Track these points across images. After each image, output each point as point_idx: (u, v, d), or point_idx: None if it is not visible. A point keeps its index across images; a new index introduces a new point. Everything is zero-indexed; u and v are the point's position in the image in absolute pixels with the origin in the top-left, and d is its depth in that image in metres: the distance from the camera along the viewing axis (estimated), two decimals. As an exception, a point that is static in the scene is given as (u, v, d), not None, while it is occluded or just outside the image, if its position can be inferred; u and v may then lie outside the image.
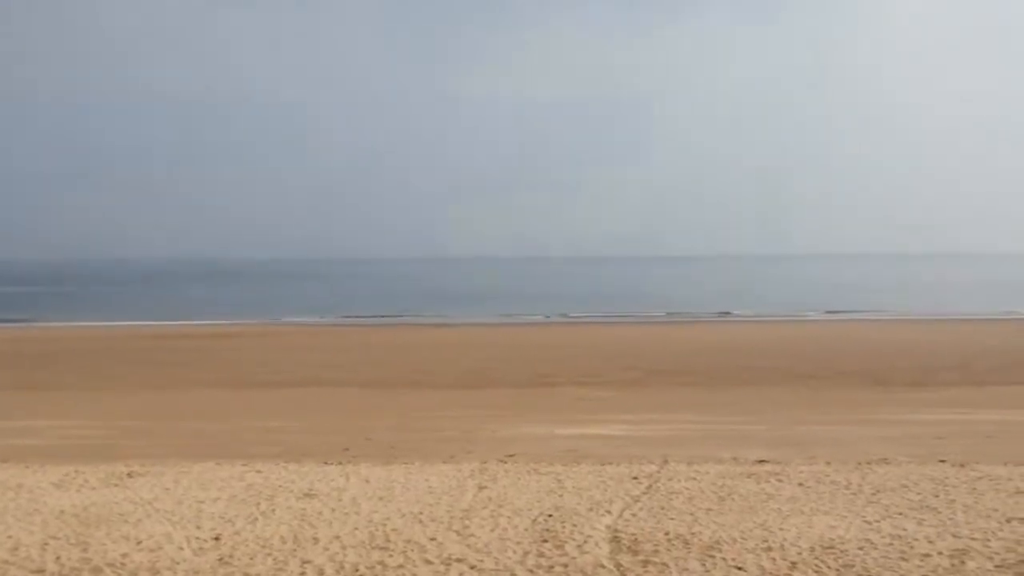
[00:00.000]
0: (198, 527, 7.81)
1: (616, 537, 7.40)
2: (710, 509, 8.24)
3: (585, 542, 7.27)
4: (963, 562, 6.72)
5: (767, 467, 10.20)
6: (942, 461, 10.58)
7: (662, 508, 8.28)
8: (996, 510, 8.11)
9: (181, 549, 7.23)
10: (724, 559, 6.87)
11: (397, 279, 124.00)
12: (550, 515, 8.05)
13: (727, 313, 53.38)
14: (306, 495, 8.90)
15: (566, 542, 7.27)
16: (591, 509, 8.25)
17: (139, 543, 7.37)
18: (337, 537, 7.46)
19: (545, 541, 7.31)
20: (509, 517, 8.00)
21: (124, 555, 7.09)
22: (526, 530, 7.61)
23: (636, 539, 7.34)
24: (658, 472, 9.84)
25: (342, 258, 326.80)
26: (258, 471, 10.10)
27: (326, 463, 10.74)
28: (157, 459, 11.16)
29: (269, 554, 7.07)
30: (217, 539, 7.46)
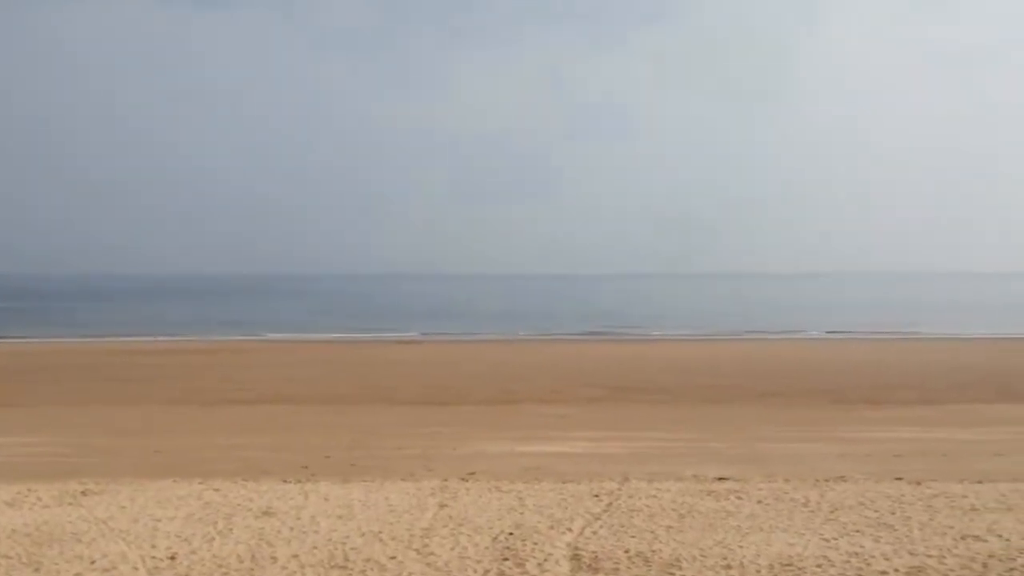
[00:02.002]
0: (153, 546, 7.70)
1: (577, 555, 7.40)
2: (670, 527, 8.27)
3: (546, 560, 7.26)
4: (919, 579, 6.80)
5: (727, 485, 10.26)
6: (899, 479, 10.71)
7: (623, 526, 8.30)
8: (951, 527, 8.22)
9: (136, 569, 7.12)
10: (684, 577, 6.90)
11: (357, 296, 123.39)
12: (511, 533, 8.04)
13: (689, 331, 53.70)
14: (264, 513, 8.81)
15: (527, 560, 7.26)
16: (552, 527, 8.25)
17: (93, 563, 7.25)
18: (295, 556, 7.39)
19: (506, 559, 7.29)
20: (470, 535, 7.97)
21: (77, 575, 6.97)
22: (487, 548, 7.58)
23: (597, 557, 7.34)
24: (619, 490, 9.85)
25: (298, 274, 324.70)
26: (216, 489, 9.99)
27: (285, 481, 10.65)
28: (113, 477, 11.00)
29: (226, 573, 6.98)
30: (173, 558, 7.36)
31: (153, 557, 7.40)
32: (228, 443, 15.23)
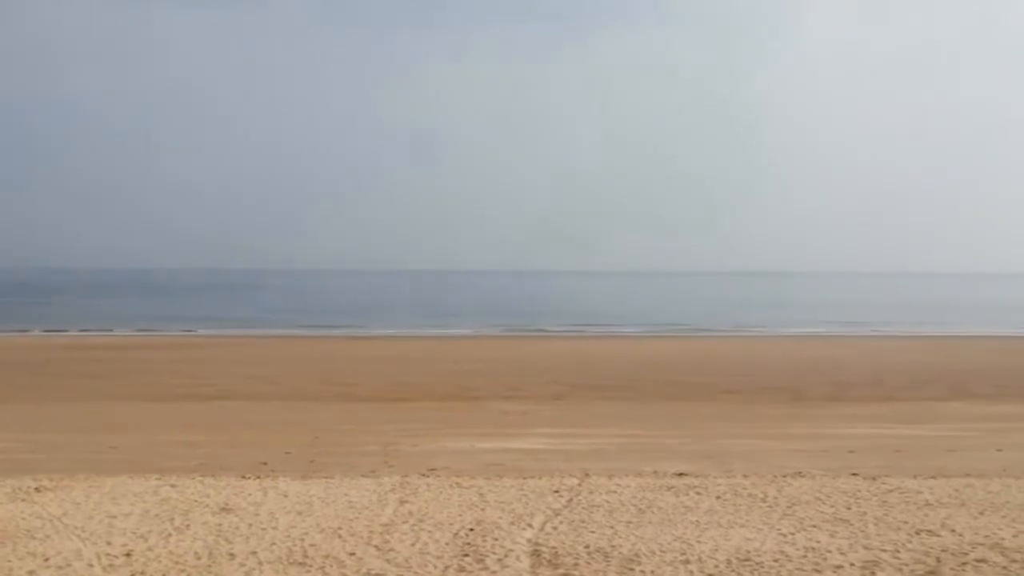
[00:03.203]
0: (109, 543, 7.60)
1: (537, 551, 7.41)
2: (630, 522, 8.31)
3: (506, 556, 7.27)
4: (874, 573, 6.90)
5: (686, 480, 10.33)
6: (854, 474, 10.85)
7: (582, 521, 8.33)
8: (906, 522, 8.35)
9: (91, 566, 7.02)
10: (643, 572, 6.94)
11: (316, 290, 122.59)
12: (471, 529, 8.03)
13: (650, 327, 54.00)
14: (222, 510, 8.73)
15: (487, 556, 7.26)
16: (512, 523, 8.26)
17: (47, 560, 7.14)
18: (254, 552, 7.33)
19: (466, 555, 7.29)
20: (430, 531, 7.96)
21: (31, 572, 6.86)
22: (447, 544, 7.57)
23: (557, 552, 7.36)
24: (579, 485, 9.89)
25: (259, 268, 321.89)
26: (173, 485, 9.87)
27: (244, 477, 10.55)
28: (67, 473, 10.82)
29: (183, 570, 6.91)
30: (129, 555, 7.27)
31: (108, 554, 7.30)
32: (185, 439, 15.07)
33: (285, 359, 32.67)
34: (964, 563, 7.14)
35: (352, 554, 7.30)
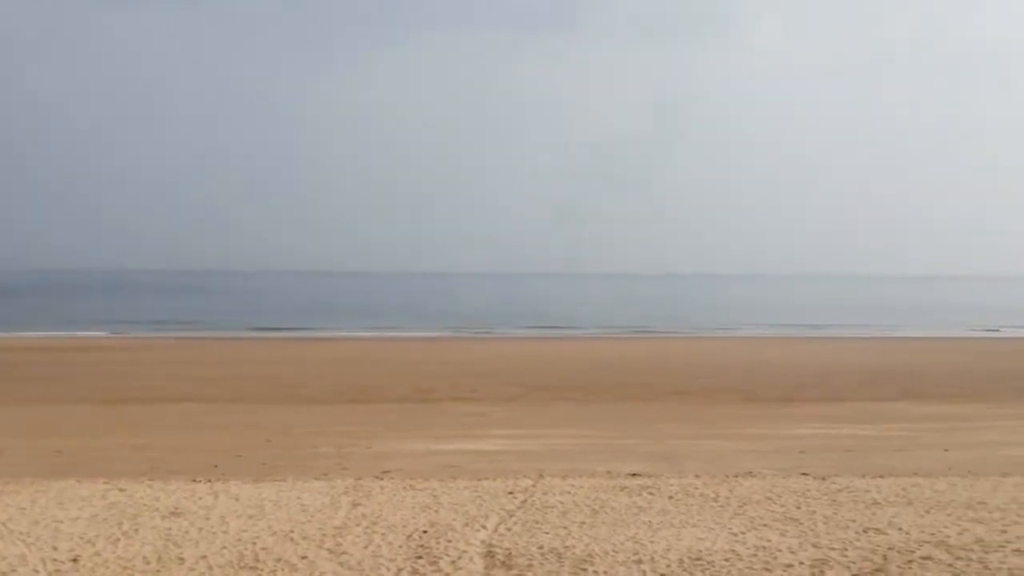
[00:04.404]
0: (55, 548, 7.47)
1: (491, 552, 7.41)
2: (583, 523, 8.34)
3: (460, 558, 7.26)
4: (823, 571, 7.00)
5: (639, 481, 10.40)
6: (805, 474, 11.00)
7: (536, 522, 8.34)
8: (854, 521, 8.47)
9: (36, 572, 6.90)
10: (596, 572, 6.97)
11: (263, 292, 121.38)
12: (425, 531, 8.02)
13: (605, 329, 54.27)
14: (172, 514, 8.62)
15: (440, 558, 7.25)
16: (466, 524, 8.25)
17: (-11, 566, 6.99)
18: (204, 557, 7.24)
19: (419, 558, 7.27)
20: (383, 534, 7.92)
21: (-28, 579, 6.72)
22: (400, 547, 7.55)
23: (510, 554, 7.37)
24: (533, 487, 9.91)
25: (206, 269, 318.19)
26: (122, 489, 9.73)
27: (194, 481, 10.43)
28: (12, 478, 10.61)
29: (131, 575, 6.81)
30: (75, 560, 7.15)
31: (55, 559, 7.18)
32: (134, 443, 14.85)
33: (236, 361, 32.30)
34: (910, 560, 7.26)
35: (304, 557, 7.25)
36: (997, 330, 54.58)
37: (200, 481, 10.40)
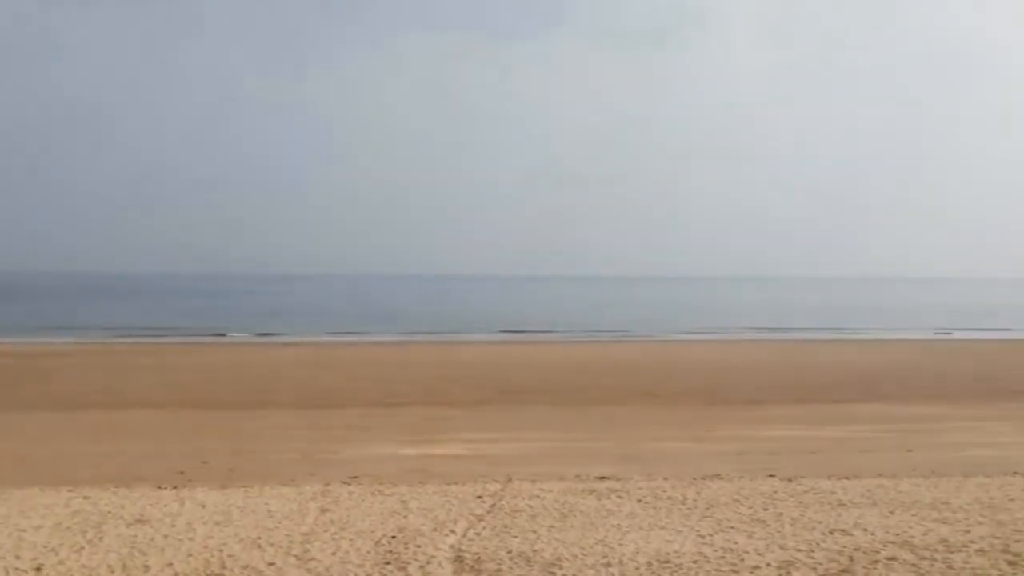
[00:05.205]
0: (17, 557, 7.36)
1: (459, 557, 7.40)
2: (552, 526, 8.35)
3: (428, 563, 7.24)
4: (789, 573, 7.05)
5: (608, 484, 10.43)
6: (772, 476, 11.08)
7: (505, 526, 8.34)
8: (820, 522, 8.55)
9: (-3, 582, 6.79)
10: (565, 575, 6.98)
11: (229, 296, 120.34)
12: (393, 536, 7.98)
13: (573, 333, 54.38)
14: (137, 521, 8.52)
15: (409, 563, 7.22)
16: (435, 529, 8.23)
17: (-51, 577, 6.88)
18: (170, 564, 7.17)
19: (388, 563, 7.24)
20: (351, 540, 7.88)
21: (-69, 590, 6.61)
22: (368, 552, 7.51)
23: (479, 558, 7.36)
24: (502, 491, 9.90)
25: (167, 272, 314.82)
26: (86, 497, 9.61)
27: (160, 487, 10.32)
28: (-27, 486, 10.45)
29: (95, 584, 6.73)
30: (39, 570, 7.05)
31: (17, 568, 7.07)
32: (97, 449, 14.68)
33: (201, 366, 32.00)
34: (876, 561, 7.33)
35: (272, 564, 7.19)
36: (949, 332, 55.34)
37: (166, 488, 10.30)
